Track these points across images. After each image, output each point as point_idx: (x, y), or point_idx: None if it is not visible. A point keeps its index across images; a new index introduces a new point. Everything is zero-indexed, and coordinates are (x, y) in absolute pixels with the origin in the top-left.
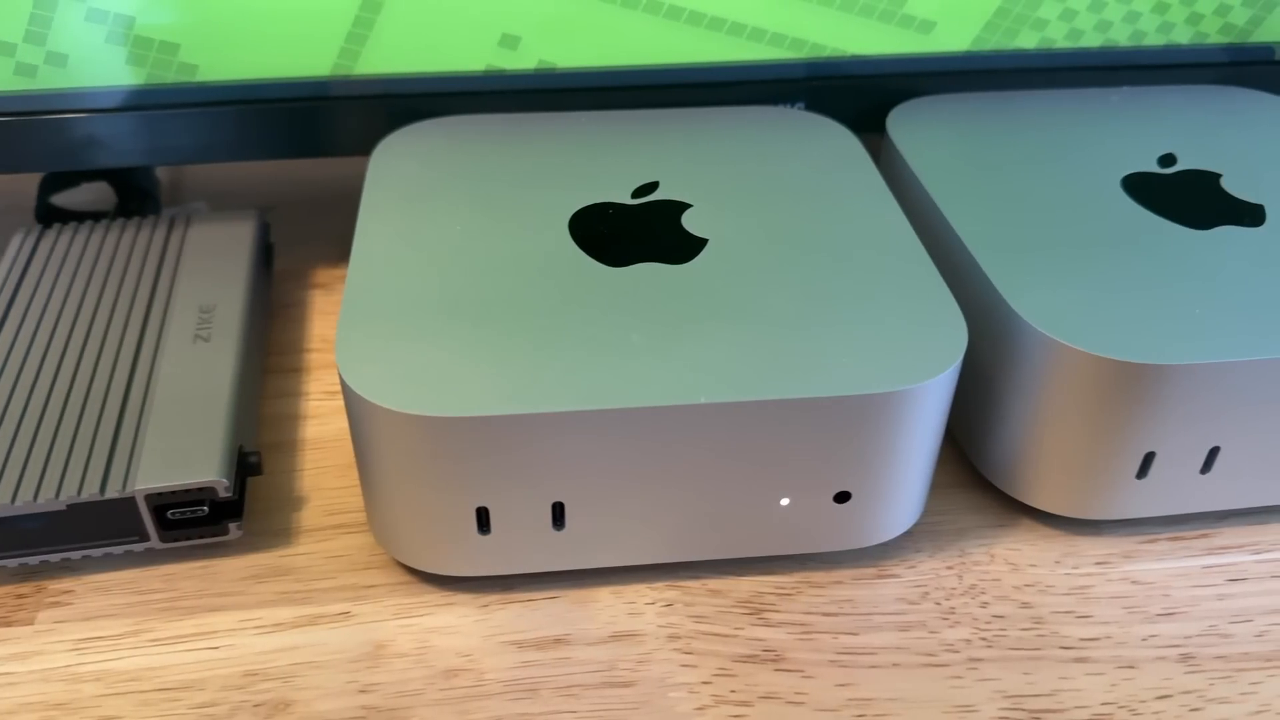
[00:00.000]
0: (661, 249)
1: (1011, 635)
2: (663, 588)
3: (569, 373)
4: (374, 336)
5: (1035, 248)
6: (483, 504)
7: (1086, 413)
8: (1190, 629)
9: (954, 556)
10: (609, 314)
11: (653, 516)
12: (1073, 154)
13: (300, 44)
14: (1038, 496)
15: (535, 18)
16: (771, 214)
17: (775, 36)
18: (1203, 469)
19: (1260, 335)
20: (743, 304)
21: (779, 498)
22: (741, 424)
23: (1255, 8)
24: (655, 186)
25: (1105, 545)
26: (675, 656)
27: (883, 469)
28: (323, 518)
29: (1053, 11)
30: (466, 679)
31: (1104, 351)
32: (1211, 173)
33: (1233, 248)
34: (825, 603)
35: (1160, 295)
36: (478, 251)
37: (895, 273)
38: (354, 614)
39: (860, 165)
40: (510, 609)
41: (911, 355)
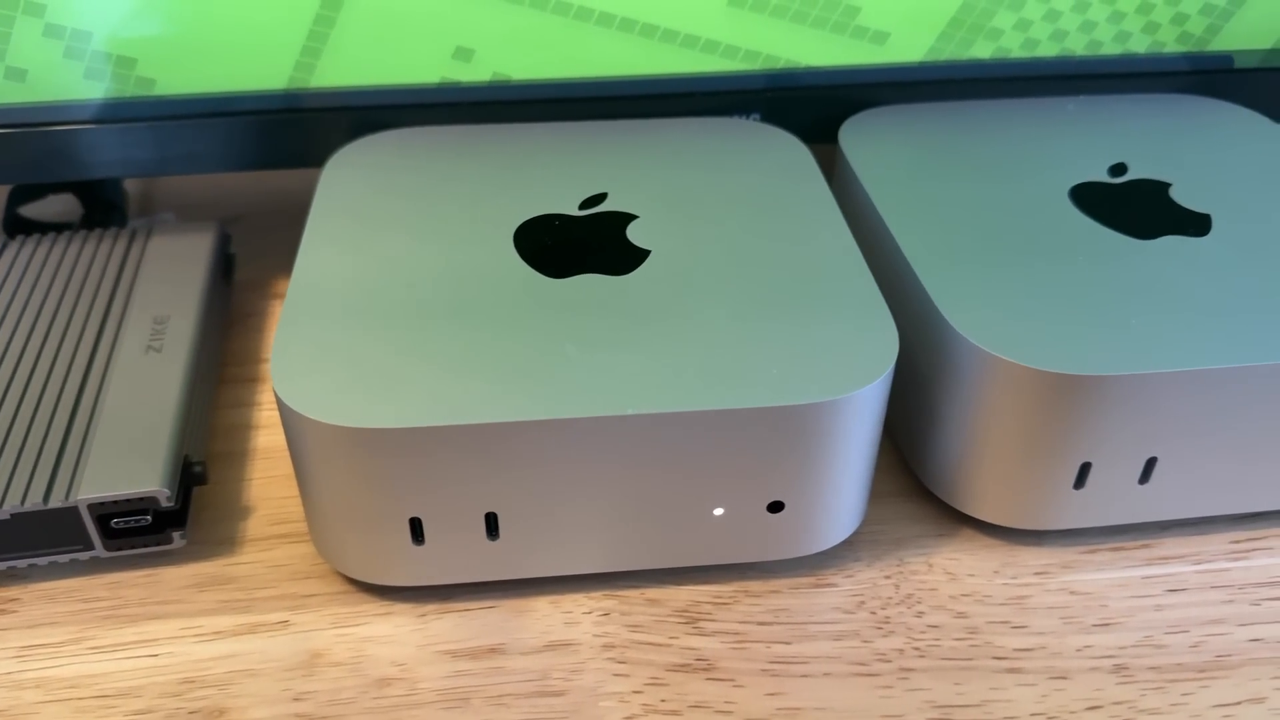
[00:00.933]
0: (604, 261)
1: (945, 645)
2: (600, 597)
3: (500, 384)
4: (309, 349)
5: (975, 259)
6: (415, 515)
7: (1021, 424)
8: (1125, 640)
9: (892, 566)
10: (546, 325)
11: (588, 527)
12: (1023, 164)
13: (255, 57)
14: (977, 506)
15: (488, 30)
16: (716, 225)
17: (729, 49)
18: (1141, 479)
19: (1195, 346)
20: (679, 315)
21: (712, 508)
22: (670, 434)
23: (1213, 16)
24: (603, 198)
25: (1045, 555)
26: (608, 666)
27: (815, 479)
28: (268, 527)
29: (1007, 21)
30: (399, 688)
31: (1035, 363)
32: (1161, 182)
33: (1175, 258)
34: (761, 612)
35: (1097, 306)
36: (421, 263)
37: (831, 284)
38: (293, 623)
39: (808, 176)
40: (447, 619)
41: (841, 366)
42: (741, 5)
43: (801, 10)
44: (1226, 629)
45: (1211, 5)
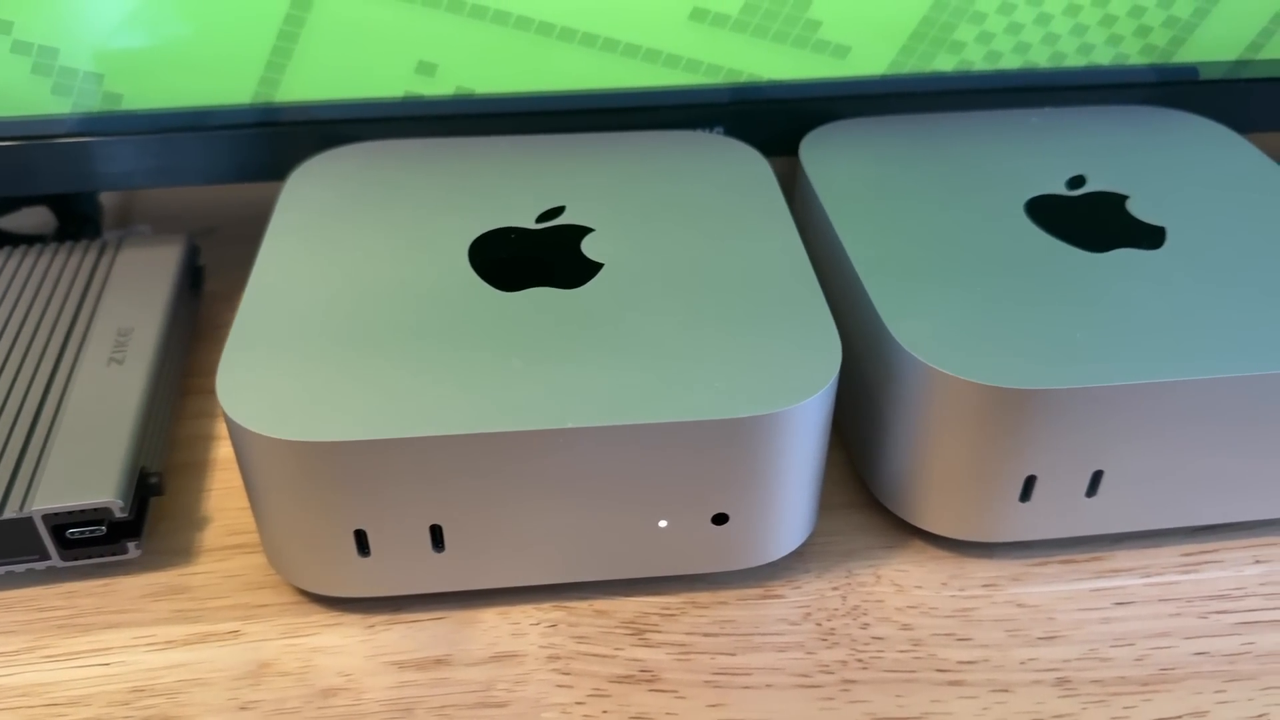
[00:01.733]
0: (556, 274)
1: (888, 657)
2: (549, 608)
3: (442, 398)
4: (257, 362)
5: (924, 273)
6: (360, 527)
7: (965, 437)
8: (1070, 653)
9: (841, 577)
10: (494, 339)
11: (533, 538)
12: (981, 177)
13: (220, 72)
14: (926, 518)
15: (451, 45)
16: (670, 238)
17: (691, 63)
18: (1088, 492)
19: (1140, 359)
20: (627, 328)
21: (657, 520)
22: (611, 447)
23: (1176, 29)
24: (561, 211)
25: (994, 568)
26: (553, 677)
27: (759, 491)
28: (224, 537)
29: (969, 34)
30: (344, 698)
31: (975, 377)
32: (1119, 194)
33: (1126, 270)
34: (707, 623)
35: (1044, 319)
36: (375, 277)
37: (779, 297)
38: (243, 632)
39: (766, 190)
40: (395, 629)
41: (783, 379)
42: (702, 20)
43: (762, 25)
44: (1172, 642)
45: (1174, 18)
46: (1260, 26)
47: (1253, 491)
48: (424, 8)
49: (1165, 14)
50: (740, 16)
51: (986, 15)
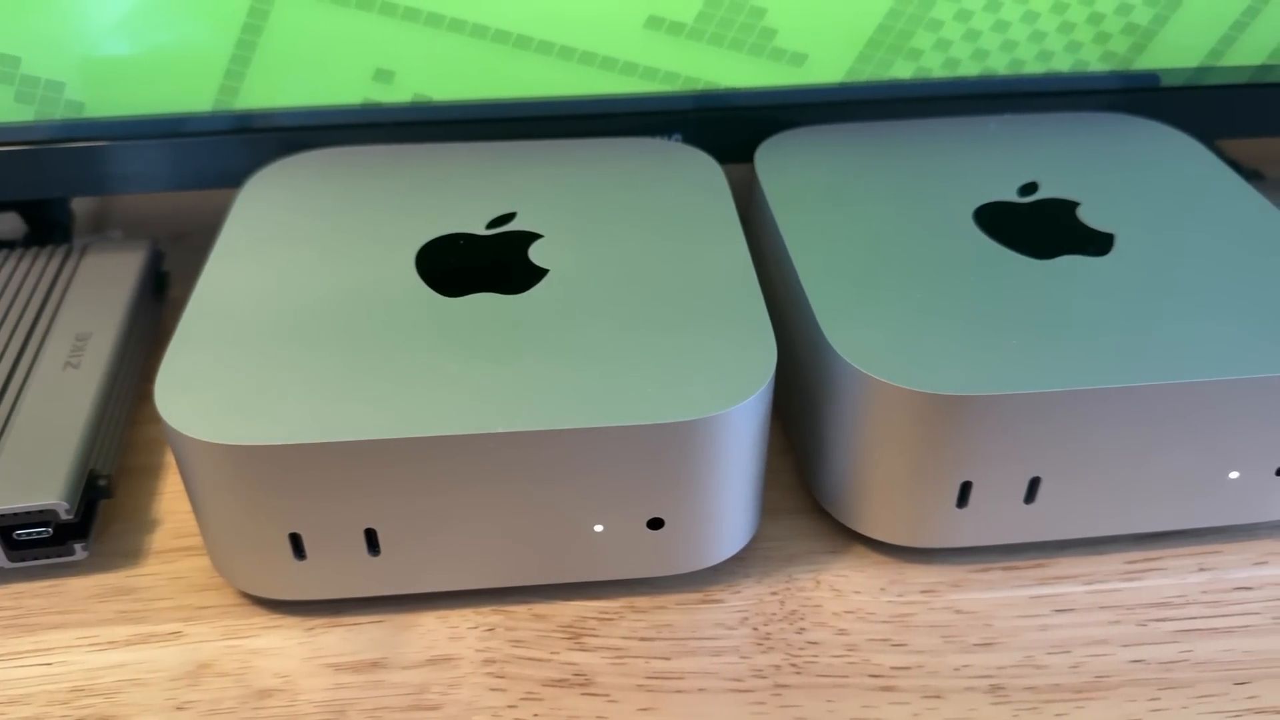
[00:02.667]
0: (501, 280)
1: (822, 662)
2: (488, 612)
3: (373, 402)
4: (196, 366)
5: (866, 280)
6: (295, 530)
7: (900, 443)
8: (1005, 659)
9: (781, 582)
10: (433, 344)
11: (469, 543)
12: (934, 184)
13: (181, 80)
14: (866, 524)
15: (407, 52)
16: (617, 245)
17: (648, 70)
18: (1026, 499)
19: (1073, 365)
20: (565, 334)
21: (592, 525)
22: (542, 452)
23: (1135, 35)
24: (511, 217)
25: (935, 574)
26: (486, 680)
27: (693, 496)
28: (172, 540)
29: (926, 41)
30: (279, 699)
31: (906, 383)
32: (1070, 201)
33: (1069, 278)
34: (645, 628)
35: (982, 326)
36: (321, 283)
37: (719, 303)
38: (185, 634)
39: (717, 197)
40: (334, 632)
41: (716, 383)
42: (658, 28)
43: (718, 33)
44: (1109, 650)
45: (1134, 25)
46: (1220, 33)
47: (1197, 499)
48: (380, 16)
49: (1124, 21)
50: (695, 24)
51: (943, 22)
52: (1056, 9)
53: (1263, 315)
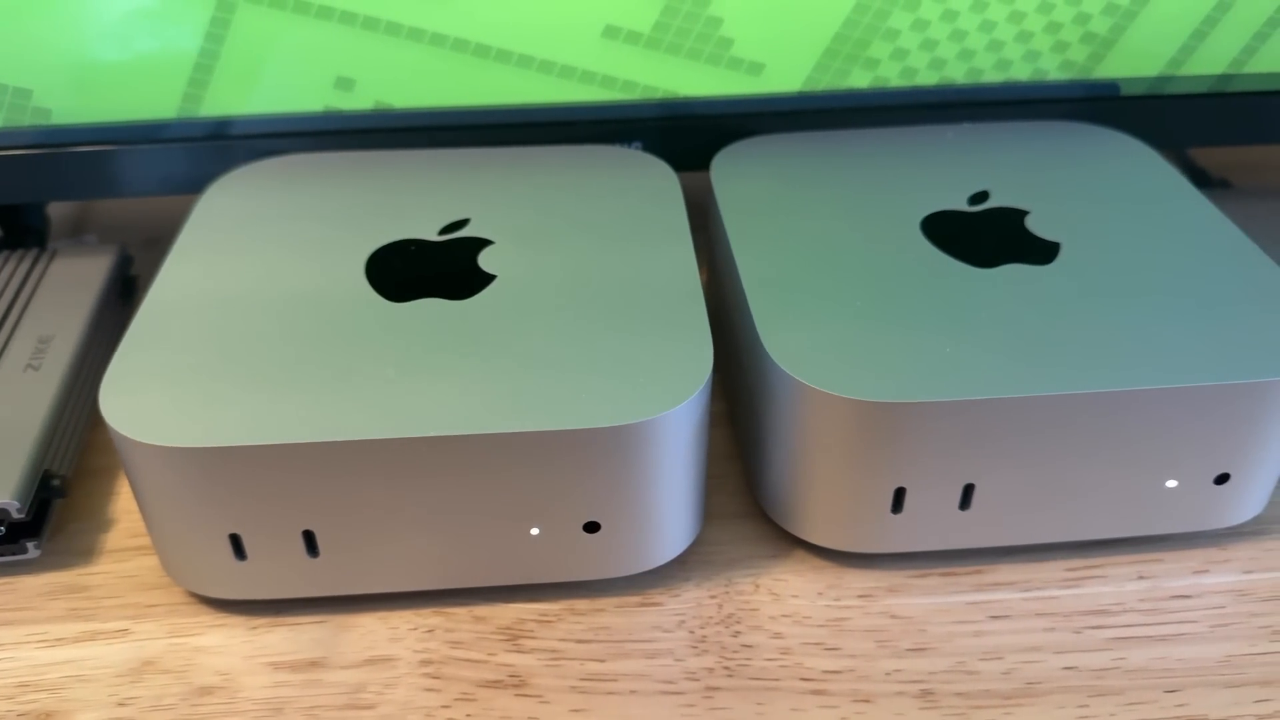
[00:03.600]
0: (448, 285)
1: (755, 665)
2: (429, 614)
3: (313, 405)
4: (143, 369)
5: (807, 288)
6: (234, 531)
7: (835, 449)
8: (937, 665)
9: (720, 586)
10: (375, 348)
11: (407, 545)
12: (885, 193)
13: (145, 87)
14: (805, 529)
15: (367, 61)
16: (566, 251)
17: (606, 79)
18: (961, 505)
19: (1006, 373)
20: (506, 339)
21: (529, 528)
22: (475, 456)
23: (1094, 45)
24: (464, 224)
25: (873, 579)
26: (422, 681)
27: (629, 499)
28: (126, 539)
29: (883, 51)
30: (219, 696)
31: (839, 390)
32: (1019, 210)
33: (1009, 286)
34: (582, 630)
35: (919, 334)
36: (272, 288)
37: (661, 309)
38: (132, 631)
39: (670, 205)
40: (277, 631)
41: (649, 388)
42: (615, 37)
43: (675, 42)
44: (1042, 657)
45: (1092, 34)
46: (1180, 43)
47: (1135, 507)
48: (340, 24)
49: (1082, 30)
50: (652, 34)
51: (900, 31)
52: (1013, 18)
53: (1202, 324)
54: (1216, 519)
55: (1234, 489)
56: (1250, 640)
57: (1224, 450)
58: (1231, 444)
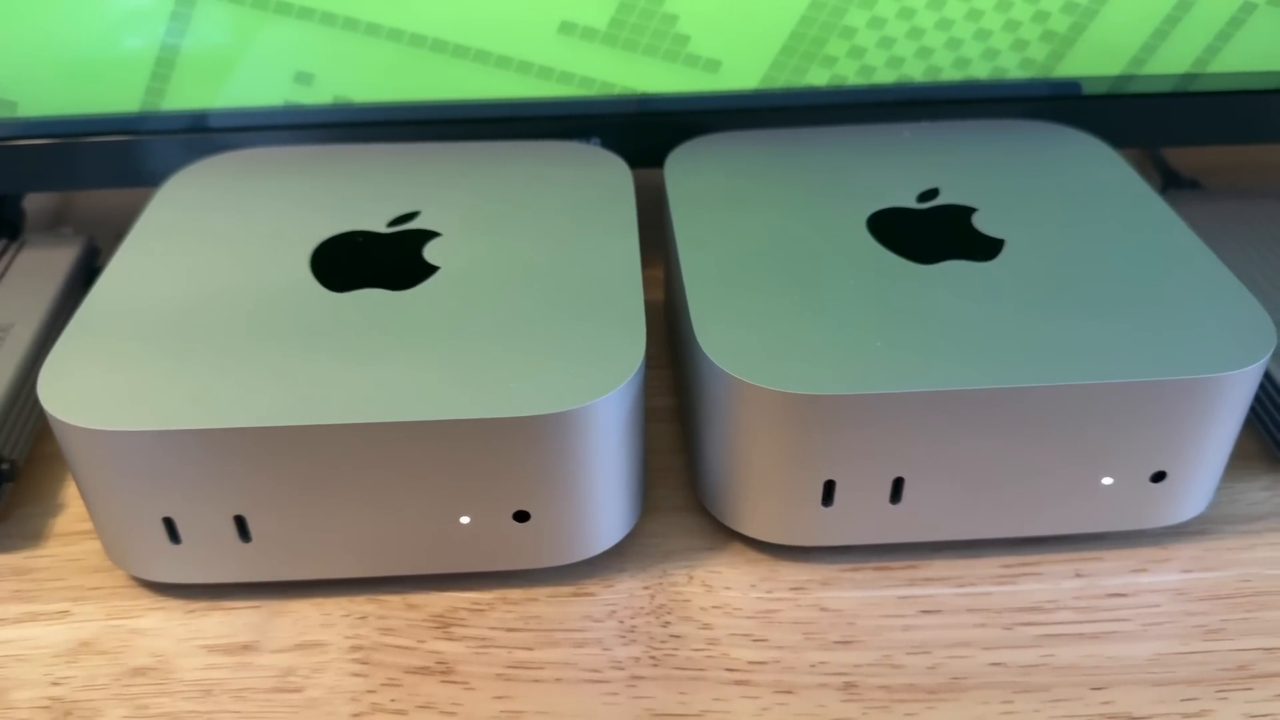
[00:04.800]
0: (391, 276)
1: (681, 655)
2: (363, 601)
3: (239, 391)
4: (82, 355)
5: (746, 283)
6: (168, 515)
7: (765, 441)
8: (863, 658)
9: (655, 577)
10: (312, 337)
11: (339, 532)
12: (836, 189)
13: (109, 81)
14: (740, 521)
15: (326, 55)
16: (511, 244)
17: (563, 75)
18: (892, 499)
19: (933, 367)
20: (442, 329)
21: (458, 516)
22: (402, 444)
23: (1054, 43)
24: (414, 216)
25: (807, 572)
26: (351, 666)
27: (556, 489)
28: (74, 523)
29: (840, 49)
30: (152, 677)
31: (765, 382)
32: (967, 208)
33: (948, 283)
34: (513, 619)
35: (851, 328)
36: (218, 278)
37: (598, 303)
38: (72, 613)
39: (620, 200)
40: (213, 615)
41: (577, 378)
42: (571, 33)
43: (631, 39)
44: (970, 652)
45: (1051, 32)
46: (1141, 41)
47: (1071, 504)
48: (298, 20)
49: (1041, 28)
50: (609, 30)
51: (856, 29)
52: (971, 16)
53: (1139, 322)
54: (1155, 517)
55: (1171, 487)
56: (1182, 639)
57: (1160, 448)
58: (1167, 442)
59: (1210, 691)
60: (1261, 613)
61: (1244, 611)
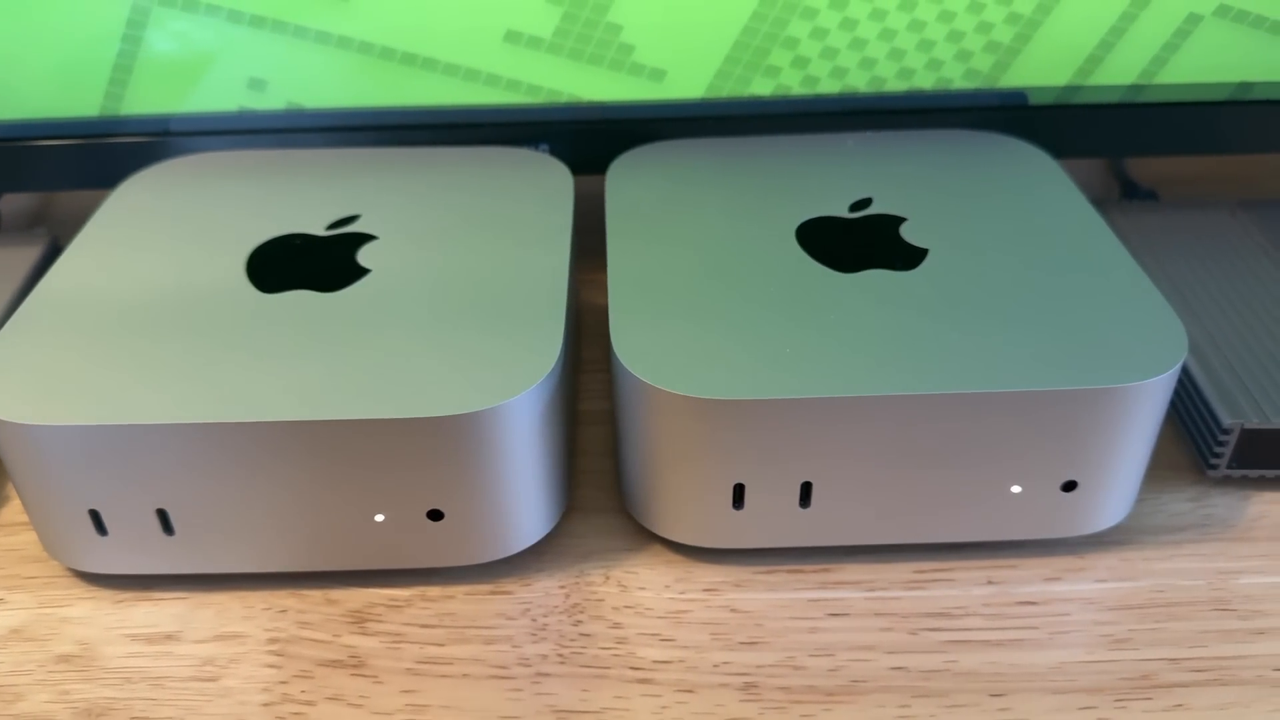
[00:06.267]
0: (322, 279)
1: (588, 654)
2: (285, 595)
3: (164, 389)
4: (14, 353)
5: (667, 290)
6: (93, 507)
7: (676, 445)
8: (766, 659)
9: (572, 577)
10: (237, 336)
11: (260, 527)
12: (771, 198)
13: (69, 86)
14: (657, 523)
15: (278, 62)
16: (444, 248)
17: (511, 83)
18: (801, 503)
19: (839, 373)
20: (363, 330)
21: (373, 514)
22: (314, 441)
23: (998, 53)
24: (354, 220)
25: (721, 574)
26: (266, 658)
27: (469, 489)
28: (17, 515)
29: (784, 59)
30: (74, 664)
31: (673, 387)
32: (897, 217)
33: (867, 291)
34: (429, 616)
35: (763, 335)
36: (154, 279)
37: (522, 306)
38: (6, 601)
39: (558, 207)
40: (140, 606)
41: (489, 380)
42: (517, 42)
43: (576, 48)
44: (873, 656)
45: (995, 43)
46: (1086, 53)
47: (981, 511)
48: (250, 28)
49: (985, 39)
50: (553, 39)
51: (800, 40)
52: (914, 26)
53: (1052, 332)
54: (1068, 527)
55: (1083, 497)
56: (1088, 649)
57: (1068, 457)
58: (1076, 451)
59: (1109, 700)
60: (1170, 624)
61: (1153, 622)
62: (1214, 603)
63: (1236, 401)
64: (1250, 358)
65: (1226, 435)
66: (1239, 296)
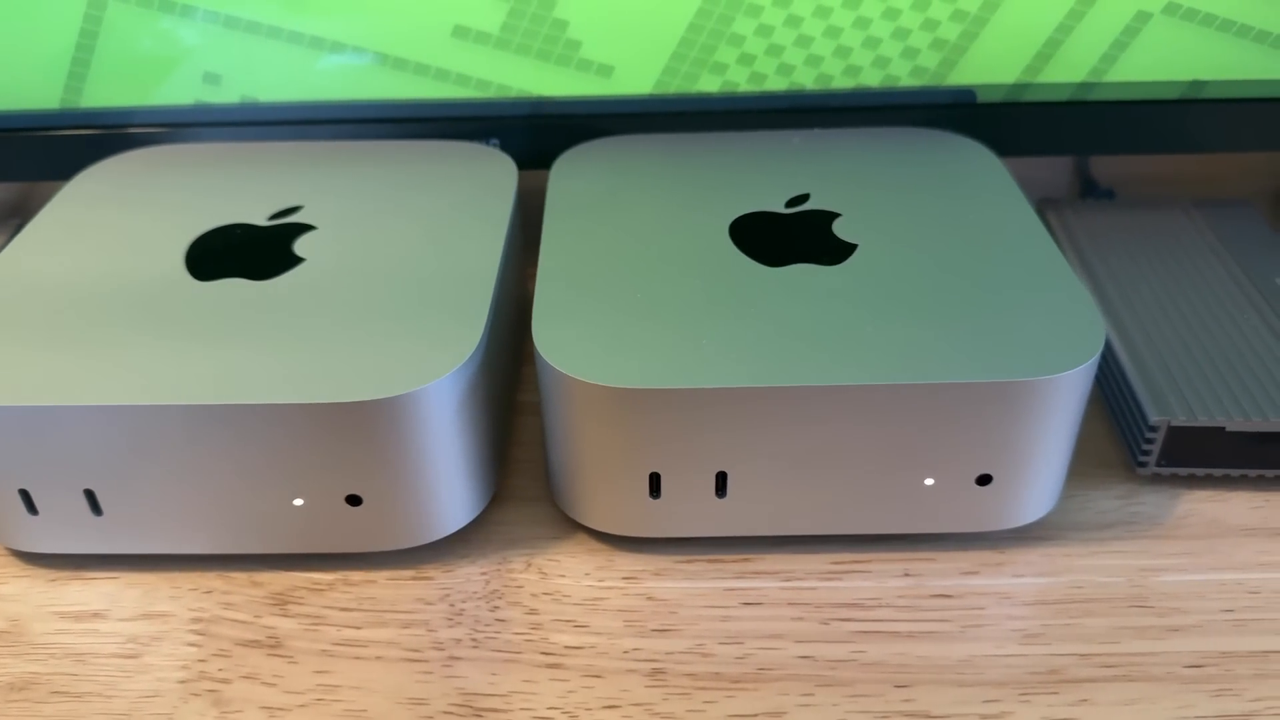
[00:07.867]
0: (258, 267)
1: (502, 639)
2: (212, 577)
3: (88, 372)
4: None
5: (592, 283)
6: (23, 487)
7: (593, 434)
8: (676, 646)
9: (494, 564)
10: (167, 323)
11: (184, 509)
12: (709, 194)
13: (28, 79)
14: (579, 512)
15: (231, 57)
16: (380, 239)
17: (460, 78)
18: (717, 493)
19: (752, 364)
20: (290, 317)
21: (292, 498)
22: (232, 426)
23: (945, 51)
24: (295, 210)
25: (641, 562)
26: (187, 637)
27: (387, 475)
28: None
29: (730, 56)
30: (3, 640)
31: (587, 377)
32: (831, 213)
33: (791, 284)
34: (349, 599)
35: (682, 327)
36: (96, 268)
37: (448, 296)
38: None
39: (500, 199)
40: (72, 585)
41: (405, 367)
42: (465, 38)
43: (524, 44)
44: (782, 645)
45: (942, 40)
46: (1034, 50)
47: (896, 504)
48: (204, 23)
49: (931, 36)
50: (501, 35)
51: (745, 37)
52: (859, 24)
53: (970, 325)
54: (986, 521)
55: (998, 491)
56: (997, 642)
57: (981, 451)
58: (989, 445)
59: (1014, 694)
60: (1085, 619)
61: (1067, 618)
62: (1131, 599)
63: (1166, 399)
64: (1186, 356)
65: (1154, 432)
66: (1181, 295)
